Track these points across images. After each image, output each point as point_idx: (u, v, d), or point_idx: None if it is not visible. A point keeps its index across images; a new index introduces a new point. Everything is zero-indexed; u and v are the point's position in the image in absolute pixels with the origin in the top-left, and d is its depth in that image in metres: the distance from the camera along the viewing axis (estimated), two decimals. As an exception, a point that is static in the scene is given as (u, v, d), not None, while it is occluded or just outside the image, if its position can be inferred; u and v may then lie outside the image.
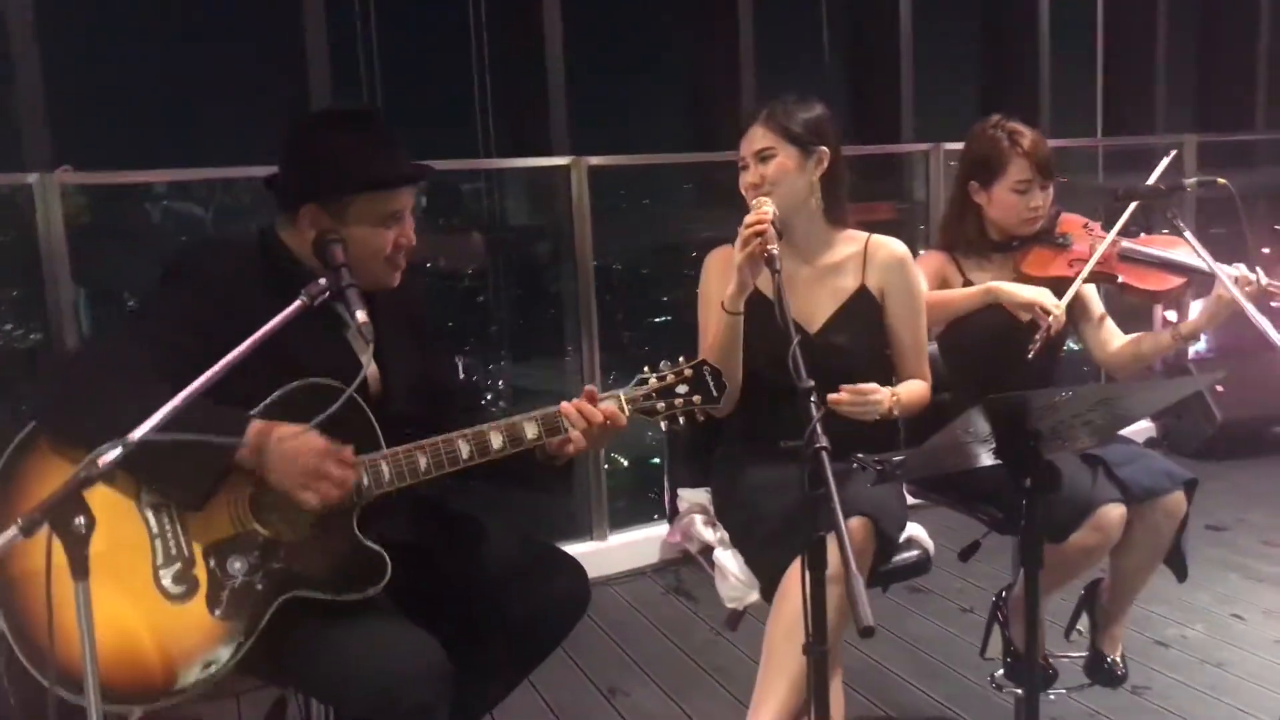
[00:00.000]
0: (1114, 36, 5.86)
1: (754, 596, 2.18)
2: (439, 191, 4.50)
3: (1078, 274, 2.52)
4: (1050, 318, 2.42)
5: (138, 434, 1.42)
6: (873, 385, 2.20)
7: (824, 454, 1.57)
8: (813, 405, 1.64)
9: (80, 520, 1.33)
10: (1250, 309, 2.21)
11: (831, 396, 2.11)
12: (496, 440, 1.84)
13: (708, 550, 2.37)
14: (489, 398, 4.85)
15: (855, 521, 2.03)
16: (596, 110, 4.58)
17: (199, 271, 1.81)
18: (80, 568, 1.34)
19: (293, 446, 1.66)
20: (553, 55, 4.19)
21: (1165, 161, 2.60)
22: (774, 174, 2.29)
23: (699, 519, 2.42)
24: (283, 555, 1.73)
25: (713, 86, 4.80)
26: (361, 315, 1.66)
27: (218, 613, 1.69)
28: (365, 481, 1.76)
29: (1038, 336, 2.43)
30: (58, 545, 1.34)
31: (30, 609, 1.62)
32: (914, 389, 2.37)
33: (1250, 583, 3.70)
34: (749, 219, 2.12)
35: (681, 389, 1.94)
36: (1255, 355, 4.22)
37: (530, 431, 1.86)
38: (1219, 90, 6.25)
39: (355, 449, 1.76)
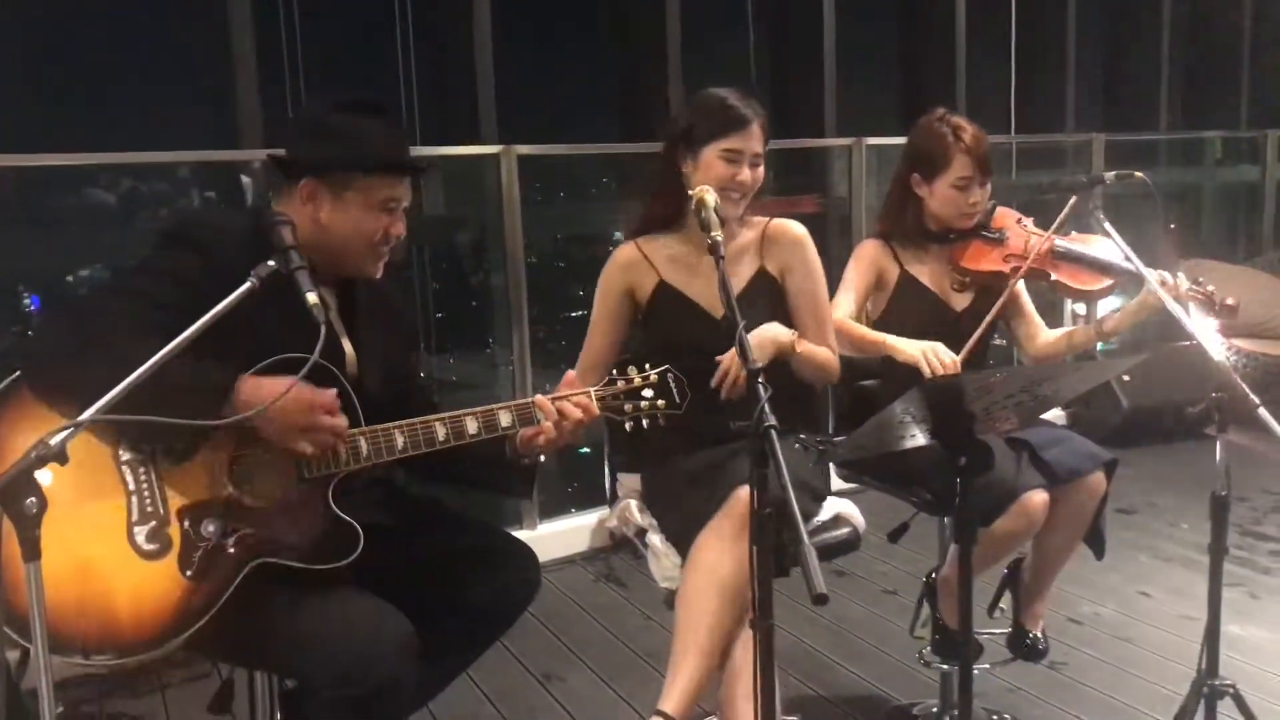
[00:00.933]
0: (1027, 38, 6.05)
1: None
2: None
3: (1012, 269, 2.61)
4: (942, 366, 2.45)
5: (88, 415, 1.40)
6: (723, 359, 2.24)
7: (774, 433, 1.60)
8: (760, 386, 1.66)
9: (31, 500, 1.31)
10: (1175, 309, 2.29)
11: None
12: (472, 425, 1.88)
13: (642, 533, 2.40)
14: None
15: (743, 490, 2.05)
16: (520, 100, 4.57)
17: (196, 236, 1.81)
18: (31, 550, 1.32)
19: (281, 401, 1.65)
20: (481, 43, 4.17)
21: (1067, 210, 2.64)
22: (759, 180, 2.37)
23: (633, 503, 2.46)
24: (256, 521, 1.74)
25: (639, 79, 4.83)
26: (312, 297, 1.64)
27: (189, 573, 1.68)
28: (344, 454, 1.78)
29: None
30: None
31: None
32: (818, 349, 2.42)
33: (1158, 563, 3.87)
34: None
35: (647, 393, 2.02)
36: (1160, 344, 4.40)
37: (505, 419, 1.91)
38: (1125, 92, 6.49)
39: None
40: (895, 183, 2.75)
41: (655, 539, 2.33)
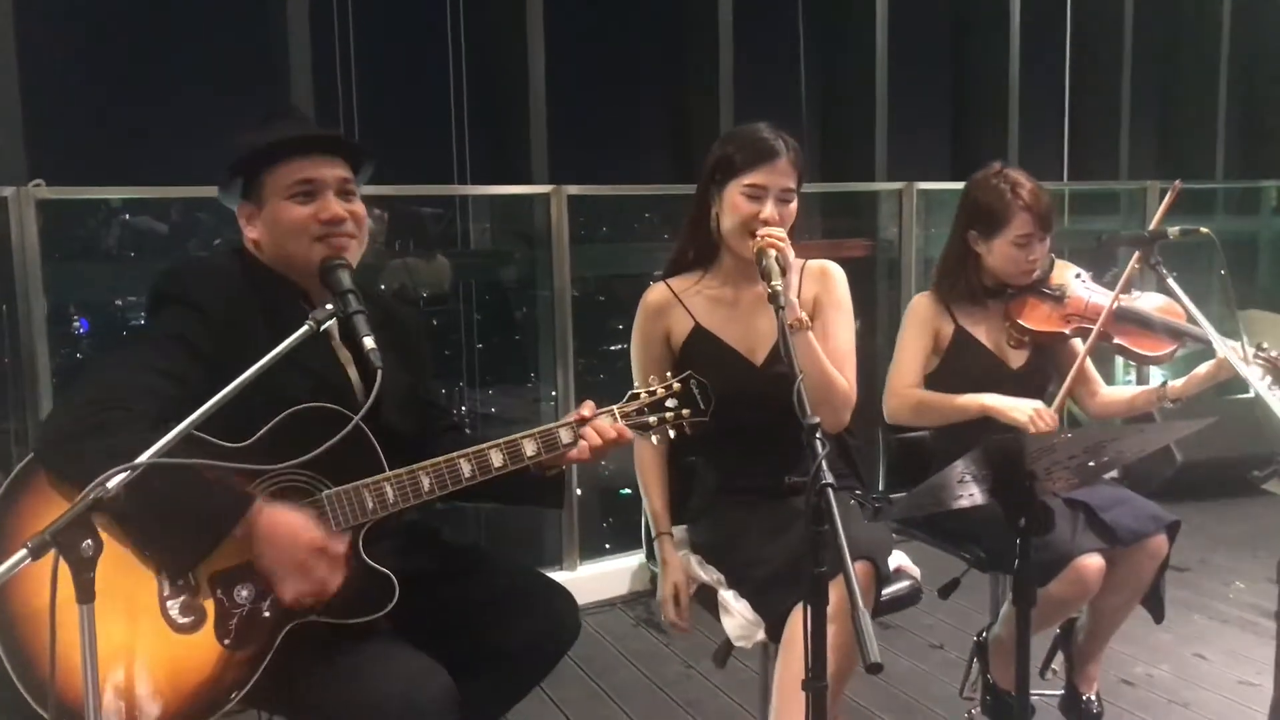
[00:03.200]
0: (1080, 84, 6.00)
1: (761, 635, 2.17)
2: (402, 215, 4.48)
3: (1073, 329, 2.56)
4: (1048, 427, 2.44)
5: (144, 457, 1.40)
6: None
7: (830, 491, 1.57)
8: (817, 442, 1.64)
9: (88, 543, 1.31)
10: (1250, 375, 2.24)
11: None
12: (497, 459, 1.85)
13: (707, 589, 2.35)
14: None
15: (859, 565, 2.02)
16: (572, 139, 4.59)
17: (189, 295, 1.79)
18: (86, 592, 1.31)
19: (287, 534, 1.63)
20: (535, 86, 4.20)
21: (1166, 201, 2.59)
22: (788, 217, 2.25)
23: (694, 558, 2.38)
24: None
25: (690, 121, 4.84)
26: (369, 342, 1.65)
27: (227, 642, 1.66)
28: (370, 502, 1.76)
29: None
30: (63, 576, 1.31)
31: (32, 647, 1.59)
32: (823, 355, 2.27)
33: (1214, 624, 3.76)
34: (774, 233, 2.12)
35: (671, 403, 1.99)
36: (1217, 400, 4.32)
37: (529, 448, 1.88)
38: (1180, 139, 6.41)
39: (358, 471, 1.76)
40: (951, 239, 2.69)
41: (726, 595, 2.26)
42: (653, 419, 1.98)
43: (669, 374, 2.02)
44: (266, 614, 1.69)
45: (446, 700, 1.72)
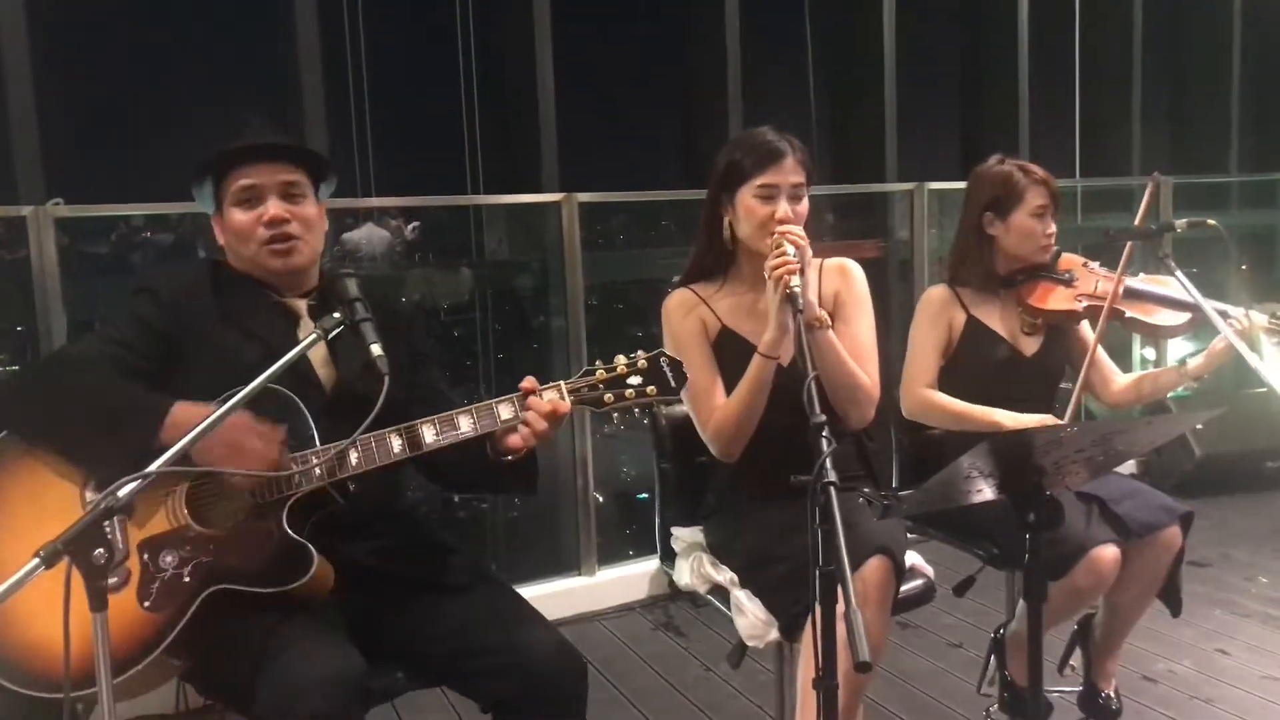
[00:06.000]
0: (1091, 79, 5.99)
1: (774, 635, 2.17)
2: (423, 225, 4.52)
3: (1085, 308, 2.57)
4: None
5: (155, 466, 1.43)
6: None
7: (833, 489, 1.58)
8: (823, 440, 1.64)
9: (100, 552, 1.34)
10: (1246, 353, 2.24)
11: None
12: (429, 434, 1.80)
13: (718, 589, 2.35)
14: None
15: (876, 560, 2.04)
16: (584, 147, 4.61)
17: (149, 284, 1.93)
18: (99, 600, 1.34)
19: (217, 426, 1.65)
20: (544, 93, 4.23)
21: (1146, 195, 2.65)
22: (802, 214, 2.27)
23: (706, 558, 2.39)
24: (213, 549, 1.75)
25: (700, 126, 4.86)
26: (376, 349, 1.69)
27: (146, 604, 1.71)
28: (295, 477, 1.76)
29: None
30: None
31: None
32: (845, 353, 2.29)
33: (1235, 618, 3.73)
34: (772, 262, 2.11)
35: (634, 380, 1.86)
36: (1234, 392, 4.30)
37: (464, 423, 1.81)
38: (1193, 133, 6.38)
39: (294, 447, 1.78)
40: (964, 228, 2.72)
41: (740, 595, 2.26)
42: (609, 395, 1.85)
43: (640, 350, 1.90)
44: (187, 579, 1.73)
45: (345, 685, 1.65)
